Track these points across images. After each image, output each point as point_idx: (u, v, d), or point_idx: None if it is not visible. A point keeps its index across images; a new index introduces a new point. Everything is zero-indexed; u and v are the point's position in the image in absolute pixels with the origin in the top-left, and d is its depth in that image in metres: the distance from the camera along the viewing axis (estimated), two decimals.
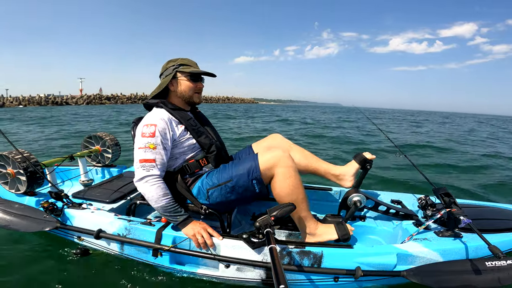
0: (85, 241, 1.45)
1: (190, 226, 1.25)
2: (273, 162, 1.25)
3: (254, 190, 1.28)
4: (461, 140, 8.57)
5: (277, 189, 1.26)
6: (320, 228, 1.34)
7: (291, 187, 1.24)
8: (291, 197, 1.25)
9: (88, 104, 32.80)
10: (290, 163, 1.26)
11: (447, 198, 1.30)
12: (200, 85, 1.43)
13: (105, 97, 38.25)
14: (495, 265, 1.02)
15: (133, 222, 1.35)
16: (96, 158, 2.28)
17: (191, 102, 1.45)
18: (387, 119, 20.36)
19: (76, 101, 33.32)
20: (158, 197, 1.23)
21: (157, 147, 1.26)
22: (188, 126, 1.38)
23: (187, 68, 1.39)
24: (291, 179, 1.24)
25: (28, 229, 1.39)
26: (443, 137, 9.07)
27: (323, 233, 1.32)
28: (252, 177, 1.26)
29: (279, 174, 1.24)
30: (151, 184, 1.23)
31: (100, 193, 1.70)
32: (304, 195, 1.29)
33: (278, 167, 1.24)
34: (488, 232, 1.28)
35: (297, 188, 1.26)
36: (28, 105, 28.58)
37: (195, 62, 1.45)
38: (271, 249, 0.93)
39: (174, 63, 1.41)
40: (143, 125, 1.31)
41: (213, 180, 1.32)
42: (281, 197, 1.26)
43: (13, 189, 1.63)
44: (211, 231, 1.26)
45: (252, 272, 1.21)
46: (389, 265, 1.14)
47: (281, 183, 1.24)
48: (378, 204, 1.51)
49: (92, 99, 35.86)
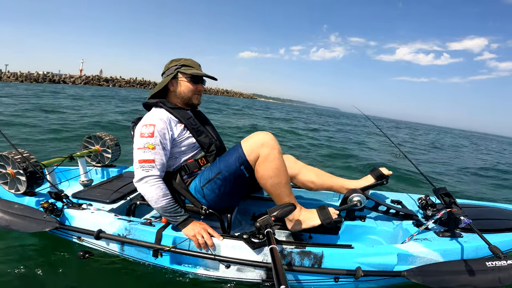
0: (85, 242, 1.45)
1: (190, 226, 1.25)
2: (257, 144, 1.25)
3: (244, 175, 1.28)
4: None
5: (260, 171, 1.24)
6: (303, 214, 1.34)
7: (275, 169, 1.23)
8: (274, 180, 1.24)
9: (85, 85, 32.38)
10: (273, 145, 1.25)
11: (447, 198, 1.30)
12: (200, 87, 1.44)
13: (103, 78, 37.66)
14: (496, 265, 1.02)
15: (133, 222, 1.35)
16: (96, 158, 2.27)
17: (190, 103, 1.45)
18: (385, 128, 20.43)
19: (73, 81, 32.83)
20: (158, 197, 1.23)
21: (156, 147, 1.26)
22: (188, 125, 1.38)
23: (188, 69, 1.39)
24: (274, 161, 1.23)
25: (27, 229, 1.39)
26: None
27: (306, 219, 1.33)
28: (239, 163, 1.26)
29: (262, 156, 1.23)
30: (151, 185, 1.23)
31: (100, 193, 1.70)
32: (287, 180, 1.28)
33: (262, 148, 1.23)
34: (488, 232, 1.28)
35: (281, 172, 1.25)
36: (25, 81, 28.14)
37: (198, 63, 1.45)
38: (271, 249, 0.93)
39: (177, 63, 1.41)
40: (142, 125, 1.31)
41: (205, 176, 1.33)
42: (264, 179, 1.25)
43: (12, 189, 1.63)
44: (211, 232, 1.26)
45: (253, 273, 1.21)
46: (390, 265, 1.14)
47: (264, 164, 1.23)
48: (378, 204, 1.51)
49: (91, 80, 35.29)
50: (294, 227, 1.35)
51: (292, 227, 1.35)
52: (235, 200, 1.46)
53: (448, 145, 13.41)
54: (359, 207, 1.45)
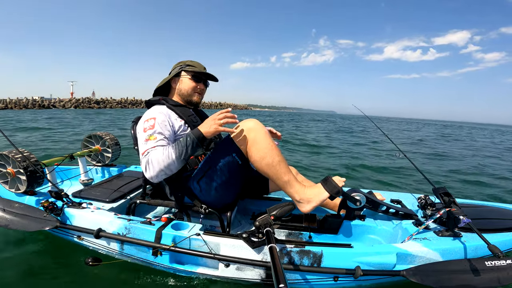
0: (84, 241, 1.45)
1: (204, 125, 1.24)
2: (244, 130, 1.26)
3: (237, 163, 1.30)
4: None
5: (252, 155, 1.26)
6: (308, 191, 1.30)
7: (264, 149, 1.24)
8: (267, 160, 1.25)
9: (76, 108, 31.69)
10: (259, 128, 1.27)
11: (447, 197, 1.30)
12: (201, 85, 1.48)
13: (94, 101, 37.30)
14: (495, 265, 1.02)
15: (133, 221, 1.35)
16: (96, 157, 2.28)
17: (190, 101, 1.47)
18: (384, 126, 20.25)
19: (63, 105, 32.28)
20: (168, 153, 1.21)
21: (157, 137, 1.27)
22: (189, 121, 1.41)
23: (191, 68, 1.46)
24: (262, 142, 1.25)
25: (27, 228, 1.39)
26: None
27: (313, 196, 1.29)
28: (231, 151, 1.28)
29: (250, 139, 1.25)
30: (152, 153, 1.22)
31: (100, 192, 1.71)
32: (280, 158, 1.27)
33: (249, 133, 1.25)
34: (488, 232, 1.28)
35: (271, 150, 1.25)
36: (14, 108, 27.45)
37: (203, 66, 1.50)
38: (271, 249, 0.93)
39: (182, 63, 1.48)
40: (143, 121, 1.33)
41: (200, 170, 1.34)
42: (258, 162, 1.26)
43: (13, 188, 1.63)
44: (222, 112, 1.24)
45: (252, 272, 1.21)
46: (389, 264, 1.14)
47: (254, 147, 1.25)
48: (378, 203, 1.51)
49: (81, 102, 34.73)
50: (305, 208, 1.29)
51: (302, 208, 1.30)
52: (233, 193, 1.44)
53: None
54: (359, 206, 1.45)
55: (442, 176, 4.26)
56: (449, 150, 7.96)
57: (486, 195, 3.32)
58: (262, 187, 1.66)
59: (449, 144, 10.11)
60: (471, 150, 8.38)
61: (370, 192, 1.63)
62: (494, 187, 3.76)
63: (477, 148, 9.35)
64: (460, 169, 4.89)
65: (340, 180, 1.33)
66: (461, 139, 13.37)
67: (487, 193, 3.41)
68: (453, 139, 12.79)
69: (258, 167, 1.27)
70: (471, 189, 3.64)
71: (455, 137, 14.19)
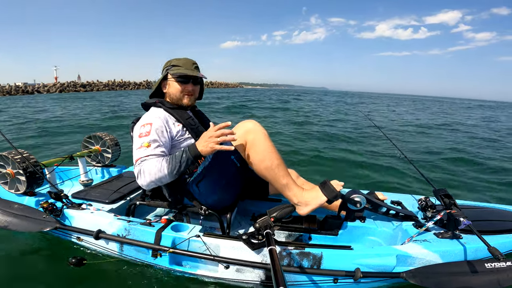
0: (84, 242, 1.45)
1: (202, 142, 1.16)
2: (242, 132, 1.25)
3: (236, 165, 1.30)
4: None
5: (251, 158, 1.26)
6: (306, 194, 1.30)
7: (263, 152, 1.24)
8: (266, 163, 1.24)
9: (61, 92, 30.25)
10: (258, 129, 1.26)
11: (447, 199, 1.30)
12: (188, 87, 1.36)
13: (80, 84, 35.92)
14: (495, 267, 1.02)
15: (132, 222, 1.35)
16: (96, 158, 2.27)
17: (180, 105, 1.39)
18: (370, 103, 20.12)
19: (48, 90, 30.80)
20: (160, 167, 1.17)
21: (152, 145, 1.23)
22: (187, 125, 1.36)
23: (176, 69, 1.35)
24: (261, 144, 1.24)
25: (27, 229, 1.39)
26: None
27: (311, 199, 1.29)
28: (229, 154, 1.28)
29: (249, 142, 1.25)
30: (146, 163, 1.18)
31: (99, 193, 1.70)
32: (280, 161, 1.27)
33: (248, 135, 1.25)
34: (488, 234, 1.28)
35: (270, 153, 1.25)
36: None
37: (191, 62, 1.39)
38: (270, 251, 0.93)
39: (169, 63, 1.38)
40: (140, 125, 1.30)
41: (200, 173, 1.32)
42: (256, 165, 1.26)
43: (12, 189, 1.63)
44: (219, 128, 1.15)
45: (252, 273, 1.21)
46: (389, 266, 1.14)
47: (253, 149, 1.24)
48: (378, 205, 1.51)
49: (66, 87, 33.13)
50: (302, 211, 1.31)
51: (300, 211, 1.31)
52: (232, 195, 1.43)
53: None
54: (359, 208, 1.45)
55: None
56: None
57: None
58: (262, 188, 1.65)
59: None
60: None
61: (372, 192, 1.63)
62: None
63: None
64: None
65: (338, 184, 1.33)
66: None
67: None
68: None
69: (256, 170, 1.27)
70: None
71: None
